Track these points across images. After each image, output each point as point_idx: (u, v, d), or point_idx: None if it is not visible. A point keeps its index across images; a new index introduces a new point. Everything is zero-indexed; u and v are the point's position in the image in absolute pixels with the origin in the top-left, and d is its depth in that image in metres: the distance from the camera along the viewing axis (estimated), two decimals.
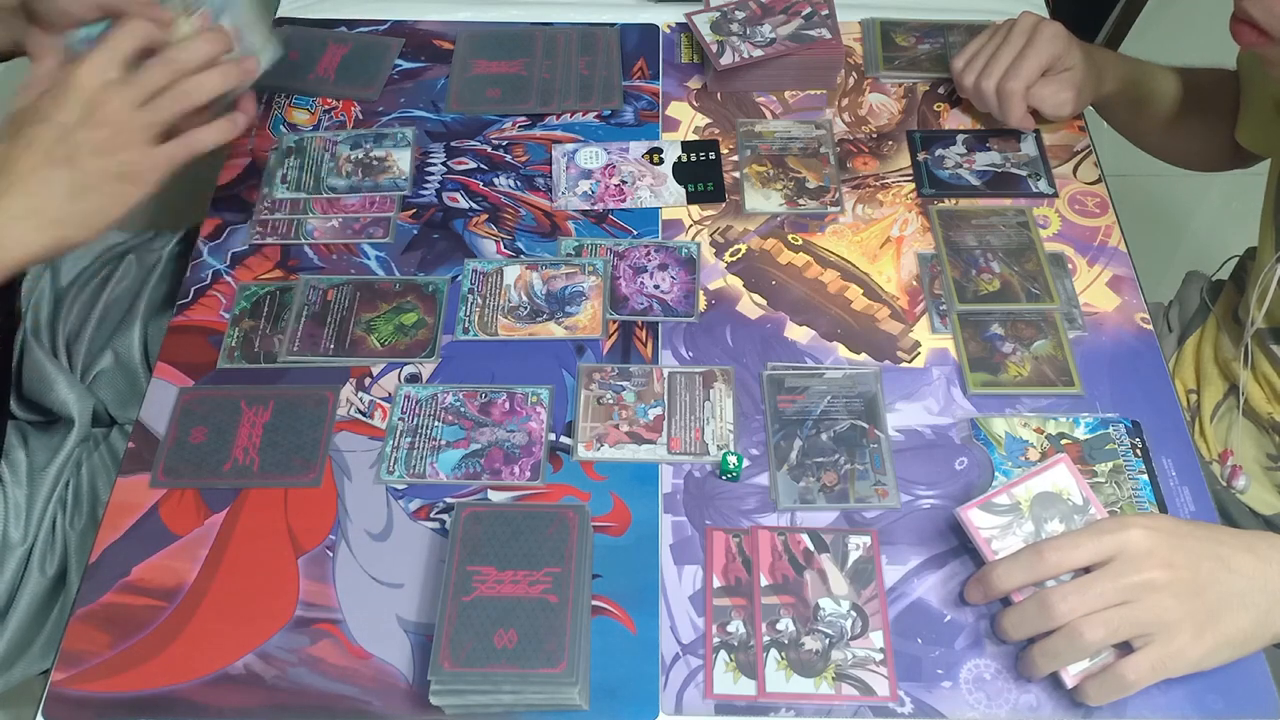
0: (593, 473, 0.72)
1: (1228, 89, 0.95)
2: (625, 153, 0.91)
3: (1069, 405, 0.76)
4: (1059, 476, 0.67)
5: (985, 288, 0.82)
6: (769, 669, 0.64)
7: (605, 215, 0.87)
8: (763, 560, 0.68)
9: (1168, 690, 0.63)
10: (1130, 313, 0.81)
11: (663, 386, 0.76)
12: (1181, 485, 0.72)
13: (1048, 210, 0.88)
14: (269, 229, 0.85)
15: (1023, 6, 1.00)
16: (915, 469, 0.73)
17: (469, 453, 0.73)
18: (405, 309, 0.80)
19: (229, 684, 0.63)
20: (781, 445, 0.73)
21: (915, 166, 0.91)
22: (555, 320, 0.80)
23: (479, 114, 0.95)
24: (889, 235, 0.86)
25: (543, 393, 0.76)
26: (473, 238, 0.86)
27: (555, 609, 0.61)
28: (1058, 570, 0.61)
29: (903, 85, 0.98)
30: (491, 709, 0.62)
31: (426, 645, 0.64)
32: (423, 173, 0.90)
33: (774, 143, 0.92)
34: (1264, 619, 0.61)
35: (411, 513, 0.71)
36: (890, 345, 0.79)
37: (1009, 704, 0.63)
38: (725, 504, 0.71)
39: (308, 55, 0.98)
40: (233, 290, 0.82)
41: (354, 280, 0.82)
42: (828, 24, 0.95)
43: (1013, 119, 0.89)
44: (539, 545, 0.64)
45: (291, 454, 0.72)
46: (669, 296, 0.82)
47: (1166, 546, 0.61)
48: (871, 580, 0.67)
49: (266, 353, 0.78)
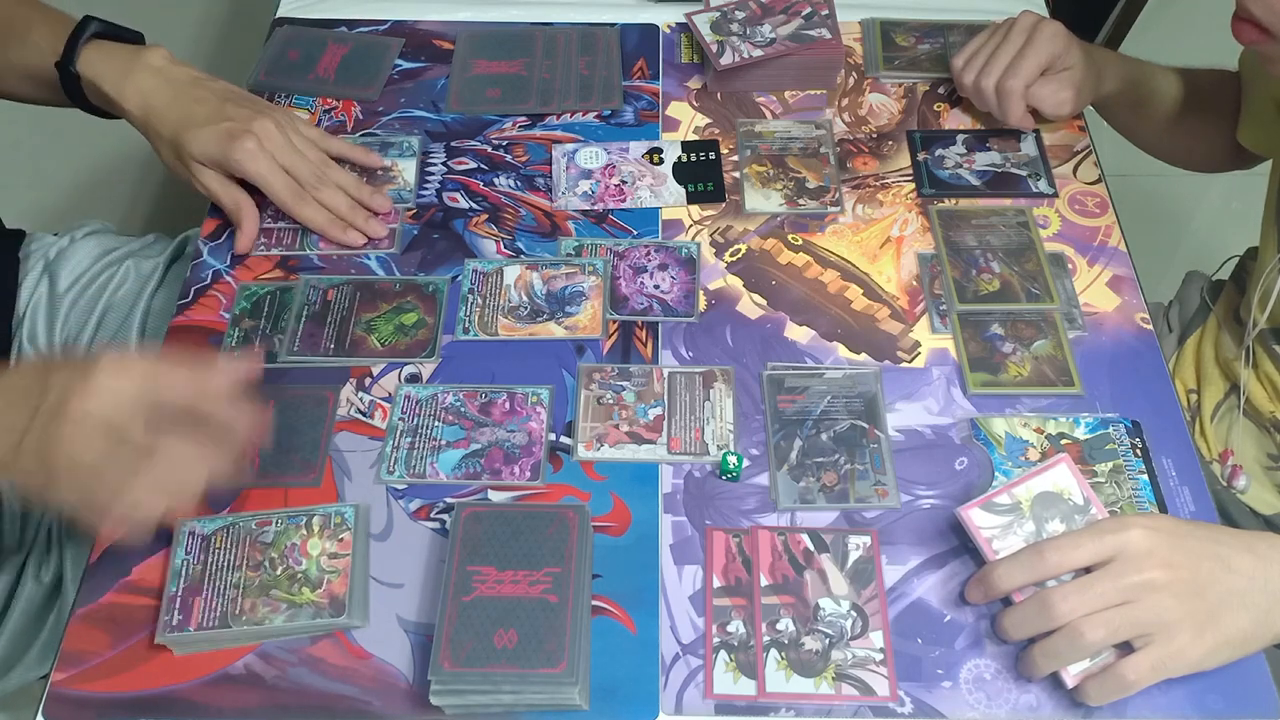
0: (593, 473, 0.72)
1: (1228, 89, 0.95)
2: (625, 153, 0.91)
3: (1069, 405, 0.76)
4: (1060, 476, 0.67)
5: (985, 288, 0.82)
6: (769, 669, 0.64)
7: (605, 215, 0.87)
8: (763, 560, 0.68)
9: (1168, 690, 0.62)
10: (1130, 313, 0.81)
11: (663, 386, 0.76)
12: (1181, 485, 0.72)
13: (1048, 210, 0.88)
14: (273, 239, 0.85)
15: (1023, 6, 1.00)
16: (915, 469, 0.73)
17: (469, 453, 0.73)
18: (405, 309, 0.80)
19: (229, 684, 0.63)
20: (781, 445, 0.73)
21: (915, 166, 0.91)
22: (555, 320, 0.80)
23: (479, 114, 0.95)
24: (889, 235, 0.86)
25: (543, 393, 0.76)
26: (473, 238, 0.86)
27: (555, 609, 0.61)
28: (1058, 570, 0.61)
29: (903, 85, 0.98)
30: (491, 709, 0.62)
31: (426, 645, 0.64)
32: (423, 173, 0.90)
33: (774, 143, 0.92)
34: (1264, 619, 0.61)
35: (411, 513, 0.71)
36: (890, 345, 0.79)
37: (1009, 704, 0.63)
38: (725, 504, 0.71)
39: (308, 55, 0.98)
40: (233, 290, 0.82)
41: (354, 280, 0.82)
42: (828, 24, 0.95)
43: (1012, 118, 0.89)
44: (539, 545, 0.64)
45: (291, 454, 0.72)
46: (669, 296, 0.82)
47: (1167, 546, 0.61)
48: (871, 580, 0.67)
49: (267, 352, 0.78)
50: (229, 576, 0.65)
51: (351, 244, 0.83)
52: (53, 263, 0.92)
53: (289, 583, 0.65)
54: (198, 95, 0.81)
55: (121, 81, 0.80)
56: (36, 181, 0.88)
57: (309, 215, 0.82)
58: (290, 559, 0.66)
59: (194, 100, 0.81)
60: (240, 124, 0.79)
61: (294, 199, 0.81)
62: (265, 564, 0.65)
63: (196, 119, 0.80)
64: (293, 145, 0.82)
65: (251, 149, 0.79)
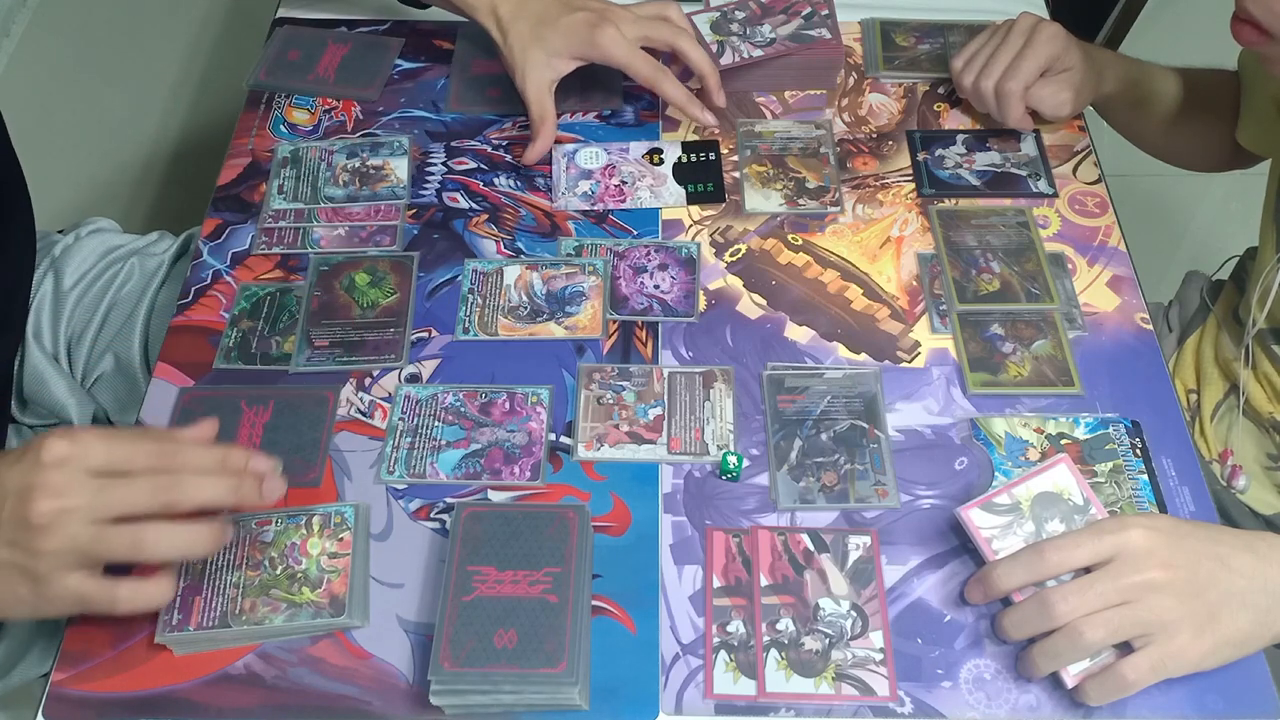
0: (593, 473, 0.72)
1: (1228, 89, 0.95)
2: (625, 153, 0.91)
3: (1069, 405, 0.76)
4: (1060, 476, 0.67)
5: (985, 288, 0.82)
6: (769, 669, 0.64)
7: (605, 215, 0.87)
8: (763, 560, 0.68)
9: (1168, 690, 0.62)
10: (1130, 313, 0.81)
11: (663, 386, 0.76)
12: (1181, 485, 0.72)
13: (1048, 210, 0.88)
14: (275, 238, 0.85)
15: (1023, 6, 1.00)
16: (915, 469, 0.73)
17: (469, 453, 0.73)
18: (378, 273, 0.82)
19: (229, 684, 0.63)
20: (781, 445, 0.73)
21: (915, 166, 0.91)
22: (555, 320, 0.80)
23: (479, 114, 0.95)
24: (889, 235, 0.86)
25: (543, 393, 0.76)
26: (473, 238, 0.86)
27: (555, 609, 0.62)
28: (1058, 570, 0.61)
29: (903, 85, 0.98)
30: (491, 709, 0.62)
31: (426, 645, 0.64)
32: (423, 173, 0.90)
33: (774, 143, 0.92)
34: (1264, 619, 0.61)
35: (412, 513, 0.71)
36: (890, 345, 0.79)
37: (1009, 704, 0.63)
38: (725, 504, 0.71)
39: (308, 55, 0.98)
40: (233, 290, 0.82)
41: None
42: (828, 24, 0.95)
43: (1011, 119, 0.89)
44: (539, 545, 0.64)
45: (292, 454, 0.72)
46: (669, 296, 0.82)
47: (1166, 546, 0.61)
48: (871, 580, 0.67)
49: (264, 354, 0.78)
50: (229, 576, 0.65)
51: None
52: (58, 260, 0.93)
53: (289, 582, 0.65)
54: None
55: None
56: (41, 179, 0.88)
57: (668, 89, 0.88)
58: (290, 558, 0.66)
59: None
60: (596, 14, 0.86)
61: (657, 74, 0.87)
62: (265, 563, 0.65)
63: (550, 14, 0.87)
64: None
65: (613, 35, 0.86)
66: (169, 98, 1.52)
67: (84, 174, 1.37)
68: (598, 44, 0.86)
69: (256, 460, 0.61)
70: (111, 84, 1.39)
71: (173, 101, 1.52)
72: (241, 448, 0.62)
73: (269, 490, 0.61)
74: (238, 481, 0.59)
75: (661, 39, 0.89)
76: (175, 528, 0.58)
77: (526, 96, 0.88)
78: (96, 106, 1.37)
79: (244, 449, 0.62)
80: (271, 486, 0.61)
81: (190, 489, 0.58)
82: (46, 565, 0.56)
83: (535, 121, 0.88)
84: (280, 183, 0.88)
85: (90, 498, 0.56)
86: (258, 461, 0.61)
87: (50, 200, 0.93)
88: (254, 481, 0.60)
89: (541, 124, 0.88)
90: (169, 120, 1.51)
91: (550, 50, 0.87)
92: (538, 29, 0.87)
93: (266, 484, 0.61)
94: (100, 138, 1.40)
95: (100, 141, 1.42)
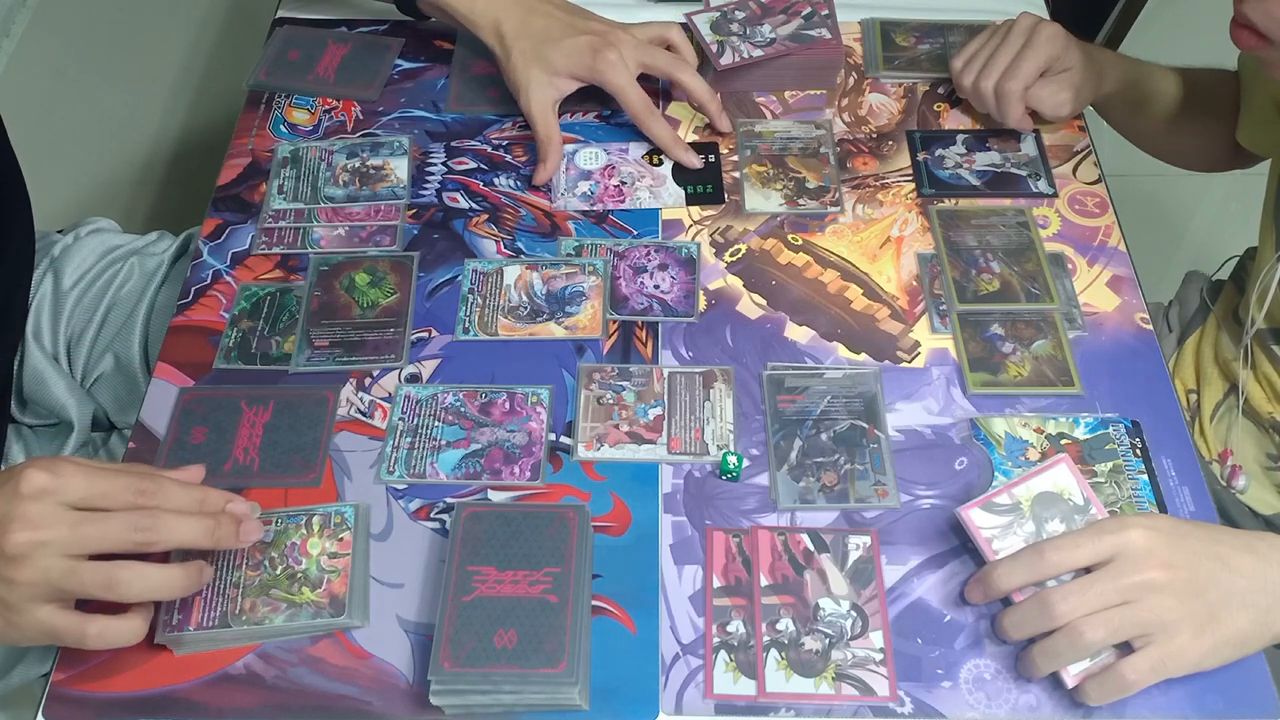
0: (593, 473, 0.72)
1: (1228, 89, 0.95)
2: (625, 153, 0.91)
3: (1069, 405, 0.76)
4: (1060, 476, 0.67)
5: (985, 288, 0.82)
6: (769, 669, 0.64)
7: (605, 215, 0.87)
8: (763, 560, 0.68)
9: (1168, 690, 0.62)
10: (1130, 313, 0.81)
11: (663, 386, 0.76)
12: (1181, 485, 0.72)
13: (1047, 210, 0.88)
14: (275, 238, 0.85)
15: (1022, 6, 1.00)
16: (915, 469, 0.73)
17: (469, 453, 0.73)
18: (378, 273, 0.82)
19: (229, 684, 0.63)
20: (781, 445, 0.73)
21: (915, 166, 0.91)
22: (555, 320, 0.80)
23: (479, 114, 0.95)
24: (889, 235, 0.86)
25: (543, 393, 0.76)
26: (473, 238, 0.86)
27: (555, 609, 0.62)
28: (1058, 570, 0.61)
29: (903, 85, 0.98)
30: (491, 709, 0.62)
31: (426, 645, 0.64)
32: (423, 173, 0.90)
33: (774, 143, 0.92)
34: (1264, 619, 0.61)
35: (411, 513, 0.71)
36: (890, 345, 0.79)
37: (1009, 704, 0.63)
38: (725, 504, 0.71)
39: (308, 55, 0.98)
40: (233, 290, 0.82)
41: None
42: (828, 24, 0.95)
43: (1011, 119, 0.89)
44: (539, 545, 0.64)
45: (291, 454, 0.72)
46: (669, 296, 0.82)
47: (1166, 546, 0.61)
48: (871, 580, 0.67)
49: (264, 354, 0.78)
50: (229, 576, 0.65)
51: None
52: (57, 260, 0.93)
53: (289, 582, 0.65)
54: (544, 10, 0.89)
55: (472, 3, 0.89)
56: (40, 179, 0.88)
57: (657, 131, 0.88)
58: (290, 558, 0.66)
59: (542, 15, 0.88)
60: (599, 38, 0.86)
61: (646, 112, 0.88)
62: (265, 563, 0.65)
63: (553, 34, 0.87)
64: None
65: (614, 60, 0.85)
66: (169, 98, 1.52)
67: (84, 174, 1.37)
68: (598, 69, 0.86)
69: (235, 503, 0.62)
70: (111, 84, 1.39)
71: (173, 101, 1.52)
72: (220, 491, 0.62)
73: (245, 533, 0.61)
74: (215, 523, 0.60)
75: (660, 69, 0.89)
76: (149, 569, 0.58)
77: (531, 116, 0.88)
78: (96, 106, 1.37)
79: (222, 492, 0.62)
80: (249, 529, 0.62)
81: (166, 528, 0.58)
82: (18, 596, 0.56)
83: (542, 142, 0.88)
84: (280, 183, 0.88)
85: (66, 531, 0.56)
86: (236, 505, 0.62)
87: (50, 200, 0.93)
88: (231, 523, 0.61)
89: (549, 144, 0.88)
90: (169, 120, 1.51)
91: (552, 69, 0.87)
92: (540, 48, 0.87)
93: (244, 527, 0.61)
94: (100, 138, 1.40)
95: (100, 141, 1.42)
